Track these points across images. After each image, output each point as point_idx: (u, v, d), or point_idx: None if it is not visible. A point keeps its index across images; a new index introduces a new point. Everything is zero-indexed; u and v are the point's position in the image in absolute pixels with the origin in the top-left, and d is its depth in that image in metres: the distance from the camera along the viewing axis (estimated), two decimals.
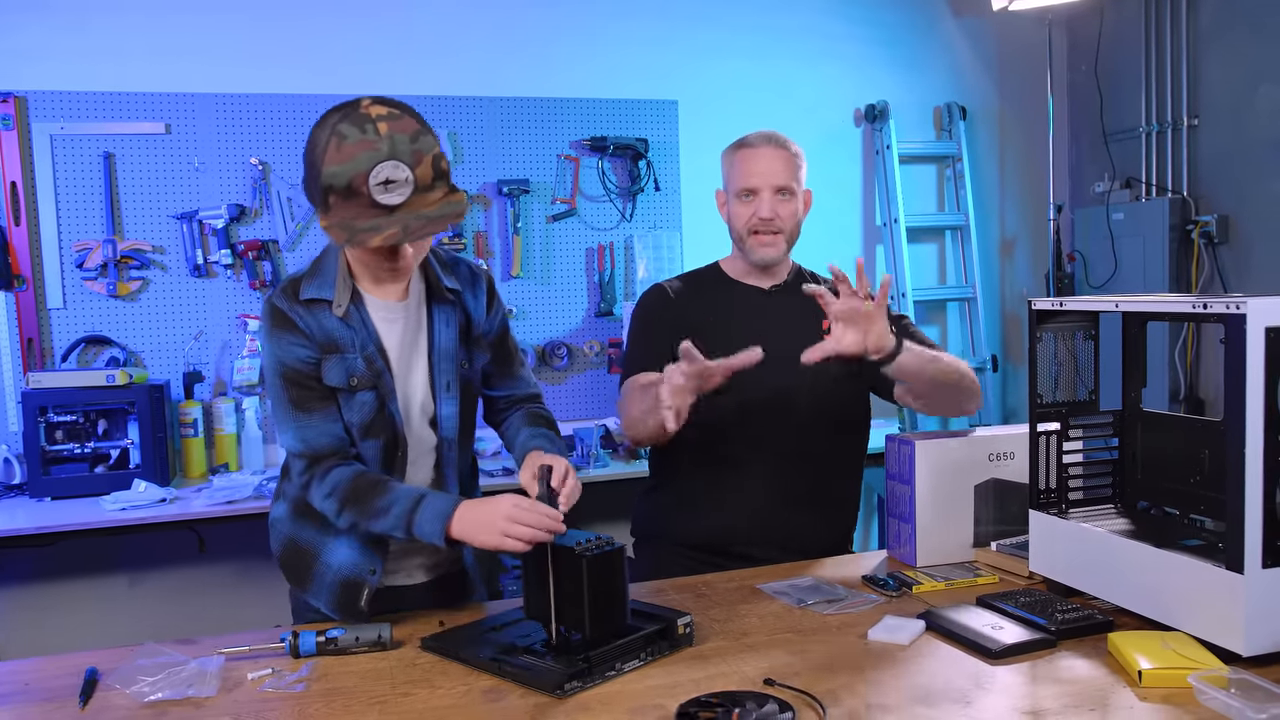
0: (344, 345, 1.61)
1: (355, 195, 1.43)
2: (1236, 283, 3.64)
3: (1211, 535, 1.50)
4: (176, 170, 3.33)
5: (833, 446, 2.05)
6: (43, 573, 3.27)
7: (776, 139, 2.05)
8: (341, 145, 1.43)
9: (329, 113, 1.48)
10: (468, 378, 1.75)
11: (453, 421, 1.72)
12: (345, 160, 1.43)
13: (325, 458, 1.61)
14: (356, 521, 1.59)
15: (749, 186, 2.02)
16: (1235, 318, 1.29)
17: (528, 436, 1.74)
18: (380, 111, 1.45)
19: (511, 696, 1.33)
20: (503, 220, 3.64)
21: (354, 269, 1.63)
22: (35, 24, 3.22)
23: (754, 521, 2.00)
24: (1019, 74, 4.28)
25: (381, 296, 1.66)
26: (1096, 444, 1.71)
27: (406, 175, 1.44)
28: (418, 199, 1.46)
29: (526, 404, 1.86)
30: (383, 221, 1.44)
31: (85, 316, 3.27)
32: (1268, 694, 1.20)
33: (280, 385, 1.62)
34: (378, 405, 1.64)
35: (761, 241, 2.03)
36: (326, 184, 1.44)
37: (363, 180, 1.42)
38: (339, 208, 1.45)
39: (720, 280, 2.13)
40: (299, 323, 1.60)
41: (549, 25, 3.71)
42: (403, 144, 1.44)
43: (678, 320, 2.04)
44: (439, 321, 1.70)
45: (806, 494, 2.02)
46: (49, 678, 1.43)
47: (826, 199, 3.94)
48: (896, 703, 1.27)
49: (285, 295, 1.61)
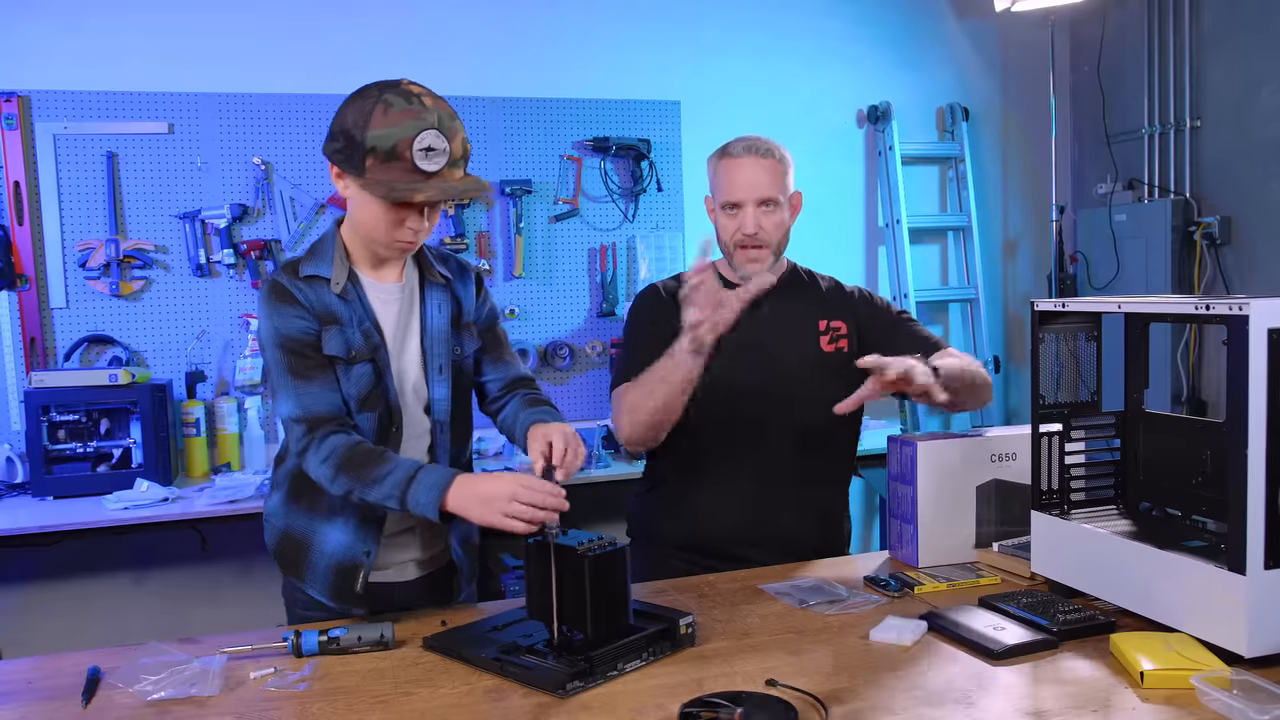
0: (342, 319, 1.65)
1: (397, 159, 1.53)
2: (1239, 284, 3.63)
3: (1213, 536, 1.50)
4: (179, 170, 3.34)
5: (824, 448, 2.04)
6: (45, 572, 3.28)
7: (759, 147, 1.98)
8: (389, 111, 1.52)
9: (368, 87, 1.57)
10: (459, 364, 1.78)
11: (444, 404, 1.75)
12: (392, 125, 1.52)
13: (324, 422, 1.62)
14: (350, 489, 1.57)
15: (731, 200, 1.98)
16: (1237, 319, 1.29)
17: (529, 415, 1.74)
18: (420, 89, 1.57)
19: (514, 696, 1.33)
20: (505, 220, 3.64)
21: (351, 252, 1.69)
22: (39, 24, 3.22)
23: (743, 522, 1.98)
24: (1022, 75, 4.28)
25: (377, 279, 1.71)
26: (1099, 445, 1.70)
27: (445, 146, 1.55)
28: (449, 171, 1.57)
29: (522, 388, 1.85)
30: (421, 185, 1.54)
31: (88, 316, 3.28)
32: (1270, 695, 1.20)
33: (279, 354, 1.63)
34: (375, 378, 1.67)
35: (748, 257, 2.00)
36: (371, 145, 1.52)
37: (407, 145, 1.52)
38: (377, 169, 1.54)
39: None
40: (299, 296, 1.64)
41: (551, 26, 3.71)
42: (445, 118, 1.56)
43: (672, 321, 2.03)
44: (431, 305, 1.75)
45: (796, 495, 2.01)
46: (52, 676, 1.44)
47: (828, 200, 3.97)
48: (898, 703, 1.27)
49: (285, 272, 1.67)
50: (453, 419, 1.77)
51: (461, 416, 1.81)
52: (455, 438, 1.79)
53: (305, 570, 1.74)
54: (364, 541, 1.71)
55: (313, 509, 1.73)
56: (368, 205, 1.59)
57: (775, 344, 2.03)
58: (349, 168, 1.57)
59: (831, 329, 2.06)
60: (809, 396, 2.01)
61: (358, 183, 1.56)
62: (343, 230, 1.70)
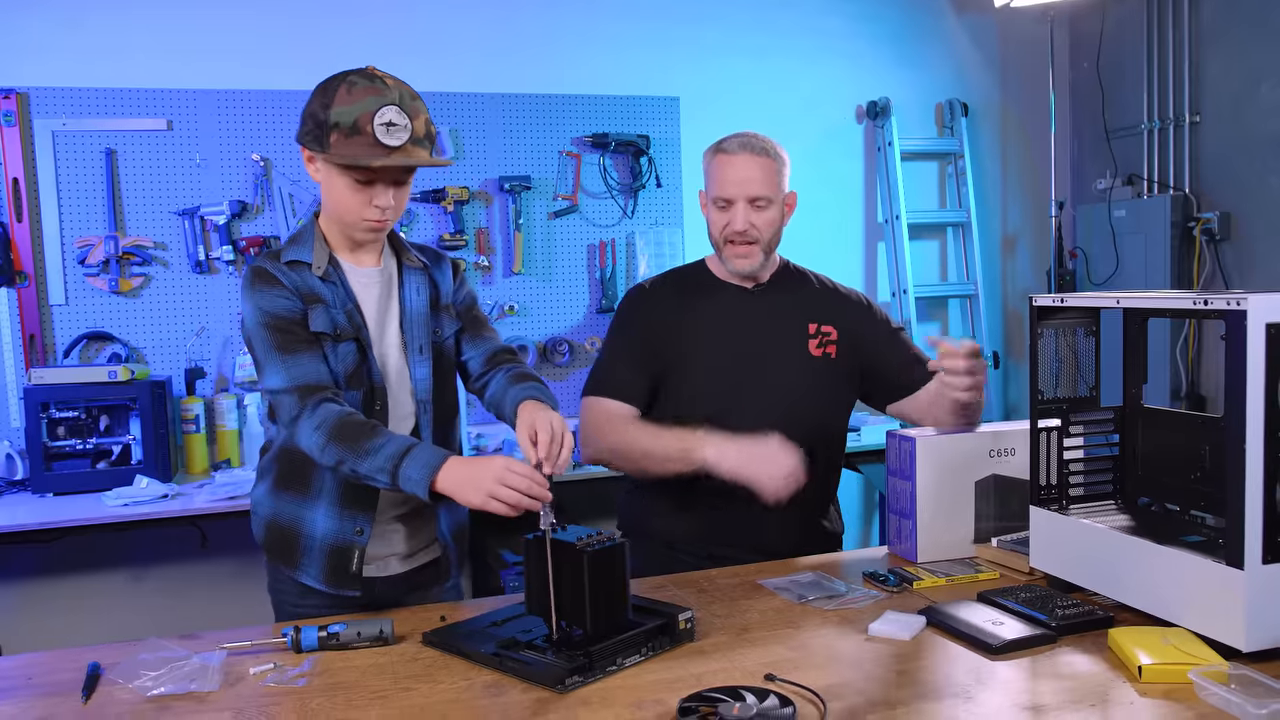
0: (326, 299, 1.68)
1: (359, 133, 1.57)
2: (1238, 279, 3.64)
3: (1212, 531, 1.51)
4: (178, 166, 3.34)
5: (811, 447, 2.03)
6: (45, 568, 3.28)
7: (754, 144, 1.97)
8: (352, 90, 1.59)
9: (335, 74, 1.63)
10: (440, 345, 1.80)
11: (426, 384, 1.77)
12: (355, 101, 1.58)
13: (316, 390, 1.61)
14: (341, 460, 1.55)
15: (724, 196, 1.97)
16: (1235, 314, 1.29)
17: (519, 390, 1.72)
18: (383, 74, 1.63)
19: (513, 691, 1.34)
20: (504, 217, 3.64)
21: (329, 239, 1.73)
22: (37, 20, 3.22)
23: (730, 520, 1.97)
24: (1021, 70, 4.28)
25: (356, 264, 1.74)
26: (1097, 440, 1.71)
27: (406, 123, 1.59)
28: (413, 149, 1.61)
29: (505, 362, 1.84)
30: (382, 157, 1.58)
31: (87, 313, 3.28)
32: (1268, 689, 1.20)
33: (265, 333, 1.64)
34: (360, 356, 1.70)
35: (737, 253, 1.99)
36: (335, 122, 1.58)
37: (368, 119, 1.57)
38: (340, 145, 1.58)
39: (704, 279, 2.09)
40: (282, 278, 1.66)
41: (551, 22, 3.71)
42: (406, 96, 1.61)
43: (654, 320, 2.02)
44: (409, 287, 1.78)
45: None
46: (52, 672, 1.44)
47: (827, 196, 3.97)
48: (897, 698, 1.28)
49: (266, 258, 1.70)
50: (435, 399, 1.78)
51: (443, 397, 1.81)
52: (438, 418, 1.79)
53: (299, 556, 1.73)
54: (355, 521, 1.71)
55: (299, 494, 1.72)
56: (336, 185, 1.63)
57: (761, 345, 2.02)
58: (316, 146, 1.61)
59: (821, 333, 2.05)
60: (794, 399, 2.00)
61: (324, 160, 1.61)
62: (320, 219, 1.74)
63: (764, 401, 1.99)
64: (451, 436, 1.85)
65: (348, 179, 1.62)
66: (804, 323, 2.05)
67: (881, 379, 2.10)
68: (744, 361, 2.01)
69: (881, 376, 2.09)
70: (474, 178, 3.61)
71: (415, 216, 3.57)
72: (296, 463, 1.70)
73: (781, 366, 2.01)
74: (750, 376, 2.00)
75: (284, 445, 1.73)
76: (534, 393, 1.70)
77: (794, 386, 2.00)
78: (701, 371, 2.01)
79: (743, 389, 1.99)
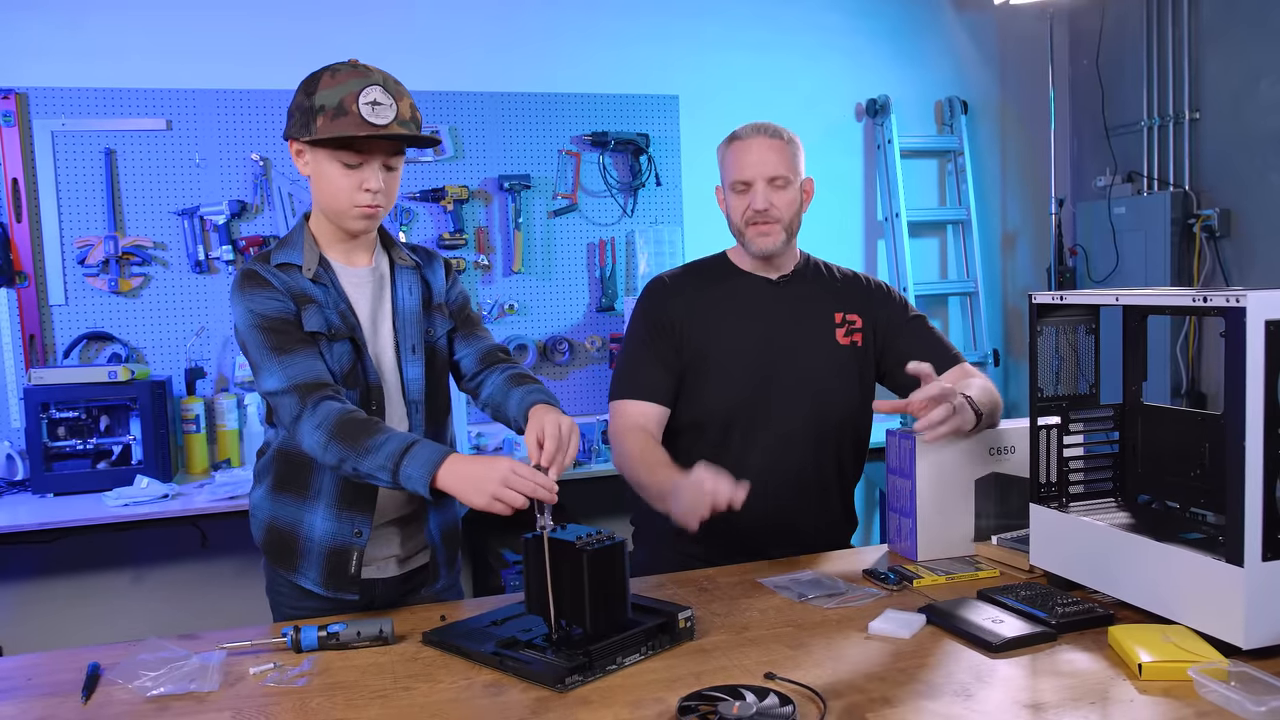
0: (318, 300, 1.67)
1: (344, 113, 1.57)
2: (1238, 276, 3.63)
3: (1212, 529, 1.50)
4: (178, 166, 3.34)
5: (832, 441, 2.03)
6: (45, 569, 3.29)
7: (768, 129, 1.99)
8: (335, 74, 1.60)
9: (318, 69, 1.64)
10: (432, 345, 1.80)
11: (419, 384, 1.76)
12: (339, 84, 1.58)
13: (315, 388, 1.59)
14: (343, 458, 1.54)
15: (742, 179, 1.97)
16: (1235, 311, 1.29)
17: (523, 393, 1.71)
18: (366, 65, 1.64)
19: (512, 691, 1.34)
20: (504, 216, 3.64)
21: (320, 239, 1.72)
22: (36, 21, 3.22)
23: (752, 513, 1.97)
24: (1020, 68, 4.27)
25: (347, 263, 1.74)
26: (1097, 438, 1.71)
27: (391, 103, 1.60)
28: (398, 126, 1.61)
29: (499, 362, 1.83)
30: (370, 136, 1.59)
31: (87, 313, 3.28)
32: (1267, 687, 1.20)
33: (258, 335, 1.62)
34: (354, 355, 1.69)
35: (759, 232, 1.98)
36: (320, 105, 1.58)
37: (353, 99, 1.57)
38: (327, 126, 1.58)
39: (726, 270, 2.08)
40: (273, 280, 1.65)
41: (550, 20, 3.71)
42: (390, 81, 1.63)
43: (677, 313, 2.02)
44: (401, 286, 1.78)
45: (804, 487, 2.00)
46: (52, 673, 1.44)
47: (827, 194, 3.95)
48: (897, 696, 1.28)
49: (256, 262, 1.69)
50: (427, 399, 1.77)
51: (435, 396, 1.80)
52: (430, 418, 1.78)
53: (298, 559, 1.73)
54: (354, 522, 1.70)
55: (297, 496, 1.72)
56: (326, 171, 1.63)
57: (790, 335, 2.02)
58: (303, 132, 1.61)
59: (847, 322, 2.05)
60: (823, 389, 2.00)
61: (312, 145, 1.61)
62: (310, 221, 1.73)
63: (794, 392, 1.99)
64: (443, 436, 1.84)
65: (337, 164, 1.61)
66: (830, 311, 2.05)
67: (902, 366, 2.09)
68: (773, 351, 2.00)
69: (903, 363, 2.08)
70: (473, 177, 3.61)
71: (415, 216, 3.57)
72: (294, 464, 1.70)
73: (811, 356, 2.01)
74: (780, 366, 1.99)
75: (281, 447, 1.73)
76: (542, 396, 1.70)
77: (824, 375, 2.00)
78: (730, 362, 2.00)
79: (772, 380, 1.98)
